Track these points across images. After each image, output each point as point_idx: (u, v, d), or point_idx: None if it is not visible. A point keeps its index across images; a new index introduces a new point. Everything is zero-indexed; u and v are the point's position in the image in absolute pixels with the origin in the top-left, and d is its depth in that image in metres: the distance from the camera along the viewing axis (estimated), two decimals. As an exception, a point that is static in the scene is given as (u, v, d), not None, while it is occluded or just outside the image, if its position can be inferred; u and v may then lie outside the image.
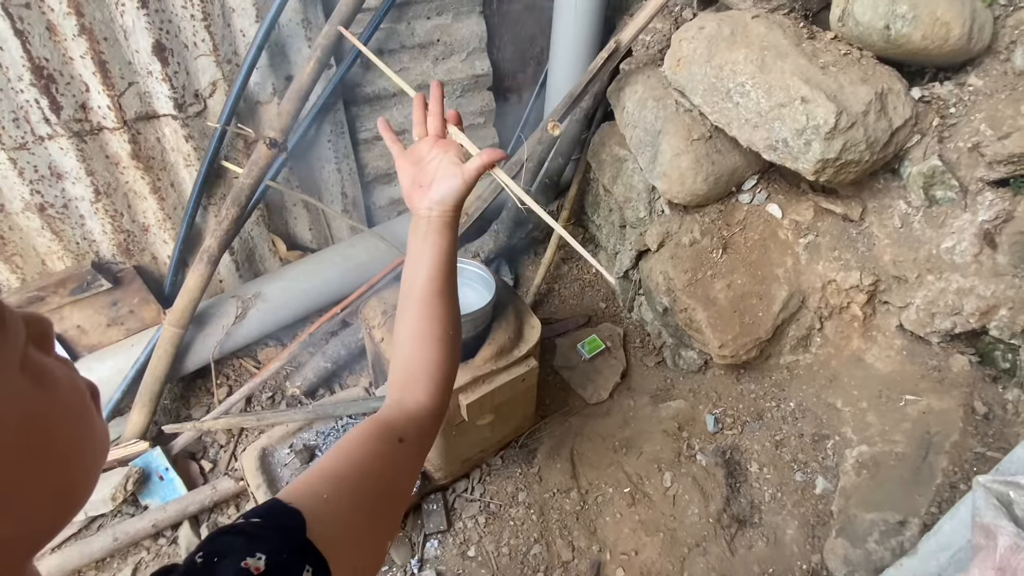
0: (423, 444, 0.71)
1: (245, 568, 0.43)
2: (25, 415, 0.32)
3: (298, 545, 0.48)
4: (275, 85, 1.82)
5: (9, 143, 1.54)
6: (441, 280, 0.77)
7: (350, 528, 0.54)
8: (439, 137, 0.85)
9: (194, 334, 1.87)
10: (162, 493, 1.74)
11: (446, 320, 0.78)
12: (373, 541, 0.58)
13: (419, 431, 0.70)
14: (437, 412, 0.75)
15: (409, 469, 0.68)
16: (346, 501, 0.56)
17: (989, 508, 0.73)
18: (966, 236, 1.55)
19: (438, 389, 0.75)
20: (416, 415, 0.71)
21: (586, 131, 2.26)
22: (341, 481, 0.57)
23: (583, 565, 1.58)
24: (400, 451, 0.66)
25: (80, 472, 0.37)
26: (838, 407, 1.70)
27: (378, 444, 0.64)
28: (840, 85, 1.50)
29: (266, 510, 0.51)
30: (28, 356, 0.34)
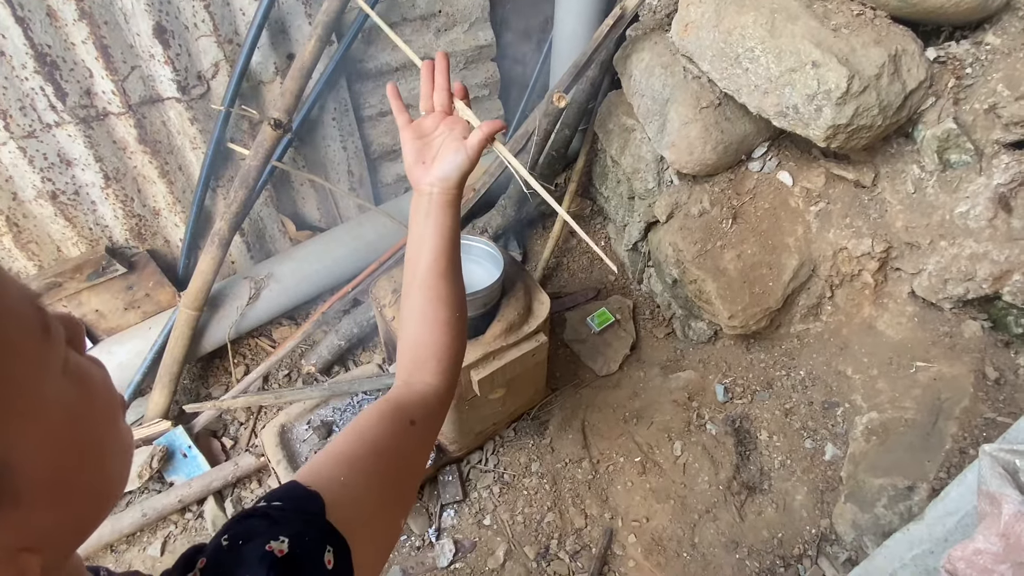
0: (433, 426, 0.72)
1: (269, 551, 0.45)
2: (70, 416, 0.34)
3: (319, 528, 0.50)
4: (277, 64, 1.81)
5: (18, 131, 1.55)
6: (444, 261, 0.76)
7: (367, 508, 0.56)
8: (446, 113, 0.82)
9: (209, 315, 1.90)
10: (186, 470, 1.79)
11: (451, 301, 0.77)
12: (388, 518, 0.60)
13: (429, 413, 0.71)
14: (446, 393, 0.75)
15: (421, 449, 0.69)
16: (362, 483, 0.57)
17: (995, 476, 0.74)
18: (980, 200, 1.52)
19: (446, 371, 0.75)
20: (425, 397, 0.72)
21: (593, 101, 2.22)
22: (356, 463, 0.59)
23: (596, 532, 1.63)
24: (412, 433, 0.66)
25: (114, 468, 0.39)
26: (848, 375, 1.71)
27: (390, 425, 0.65)
28: (852, 48, 1.46)
29: (286, 493, 0.53)
30: (68, 359, 0.35)
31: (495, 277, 1.52)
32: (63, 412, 0.34)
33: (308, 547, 0.47)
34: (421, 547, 1.64)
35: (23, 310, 0.32)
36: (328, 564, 0.47)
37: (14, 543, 0.31)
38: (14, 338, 0.31)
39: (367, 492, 0.57)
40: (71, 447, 0.34)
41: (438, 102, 0.82)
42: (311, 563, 0.46)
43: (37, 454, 0.31)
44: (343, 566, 0.49)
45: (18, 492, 0.30)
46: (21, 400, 0.30)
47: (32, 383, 0.31)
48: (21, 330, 0.31)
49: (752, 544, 1.54)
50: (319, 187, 2.15)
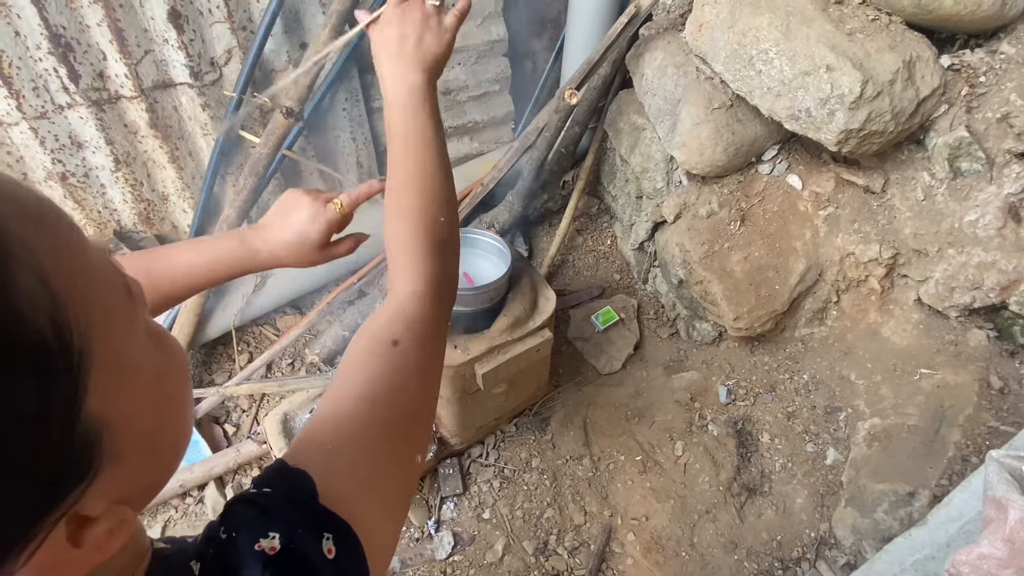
0: (422, 342, 0.61)
1: (260, 550, 0.42)
2: (158, 374, 0.36)
3: (312, 514, 0.45)
4: (290, 53, 1.81)
5: (30, 112, 1.55)
6: (437, 149, 0.71)
7: (363, 469, 0.50)
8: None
9: (215, 302, 1.91)
10: (188, 455, 1.80)
11: (442, 197, 0.70)
12: (394, 467, 0.53)
13: (411, 325, 0.61)
14: (429, 293, 0.64)
15: (414, 375, 0.58)
16: (352, 442, 0.51)
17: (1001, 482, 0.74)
18: (990, 209, 1.52)
19: (419, 266, 0.65)
20: (403, 306, 0.62)
21: (603, 99, 2.22)
22: (342, 421, 0.52)
23: (595, 529, 1.63)
24: (397, 356, 0.58)
25: (188, 424, 0.41)
26: (852, 380, 1.71)
27: (371, 360, 0.57)
28: (867, 52, 1.46)
29: (273, 476, 0.48)
30: (147, 321, 0.36)
31: (502, 272, 1.52)
32: (151, 372, 0.35)
33: (301, 539, 0.43)
34: (420, 539, 1.64)
35: (109, 272, 0.33)
36: (329, 553, 0.43)
37: (115, 496, 0.33)
38: (106, 300, 0.31)
39: (360, 450, 0.51)
40: (161, 404, 0.36)
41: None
42: (307, 557, 0.43)
43: (134, 412, 0.33)
44: (347, 551, 0.45)
45: (119, 449, 0.31)
46: (118, 360, 0.31)
47: (125, 343, 0.33)
48: (110, 291, 0.32)
49: (751, 546, 1.54)
50: (328, 177, 2.15)
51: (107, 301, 0.31)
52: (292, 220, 0.74)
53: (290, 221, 0.74)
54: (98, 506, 0.31)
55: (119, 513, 0.33)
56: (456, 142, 2.38)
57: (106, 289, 0.32)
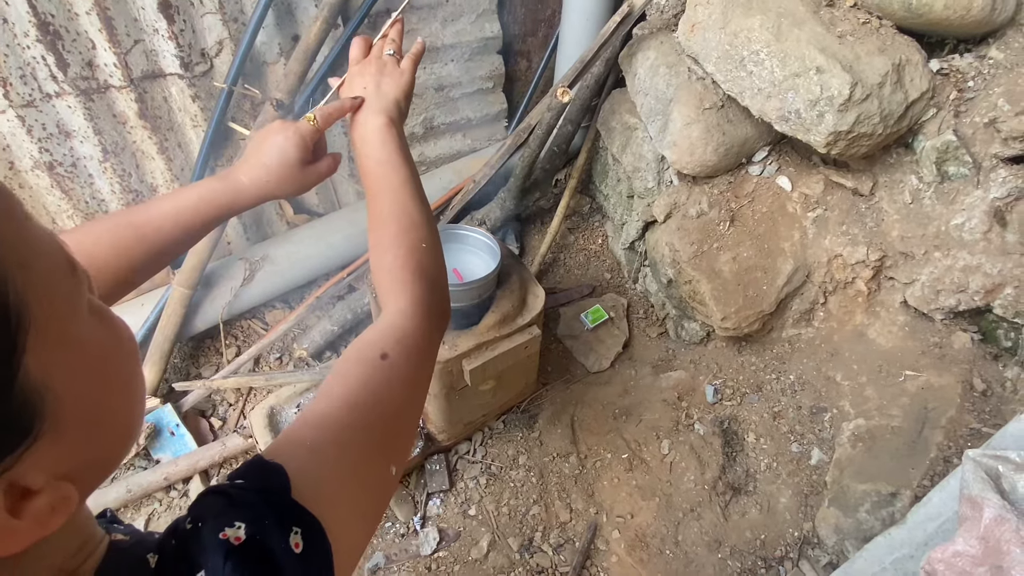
0: (410, 356, 0.63)
1: (224, 539, 0.41)
2: (101, 352, 0.36)
3: (282, 507, 0.45)
4: (281, 45, 1.80)
5: (17, 100, 1.54)
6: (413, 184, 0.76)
7: (339, 472, 0.51)
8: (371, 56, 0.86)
9: (202, 295, 1.90)
10: (173, 448, 1.79)
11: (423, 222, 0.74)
12: (371, 474, 0.54)
13: (401, 340, 0.63)
14: (418, 312, 0.67)
15: (400, 388, 0.60)
16: (331, 443, 0.52)
17: (977, 481, 0.75)
18: (976, 213, 1.54)
19: (405, 287, 0.68)
20: (392, 322, 0.65)
21: (596, 98, 2.22)
22: (324, 421, 0.53)
23: (580, 526, 1.63)
24: (384, 369, 0.59)
25: (137, 408, 0.41)
26: (837, 381, 1.72)
27: (359, 369, 0.59)
28: (857, 55, 1.47)
29: (248, 470, 0.48)
30: (91, 299, 0.37)
31: (491, 268, 1.52)
32: (95, 347, 0.36)
33: (268, 531, 0.42)
34: (405, 534, 1.64)
35: (50, 244, 0.34)
36: (296, 547, 0.43)
37: (57, 470, 0.33)
38: (45, 267, 0.32)
39: (339, 450, 0.52)
40: (106, 381, 0.37)
41: (374, 50, 0.87)
42: (273, 549, 0.42)
43: (74, 384, 0.33)
44: (315, 547, 0.44)
45: (59, 419, 0.32)
46: (57, 327, 0.32)
47: (67, 314, 0.33)
48: (50, 262, 0.33)
49: (735, 544, 1.55)
50: (319, 171, 2.14)
51: (46, 268, 0.32)
52: (268, 145, 0.75)
53: (266, 147, 0.75)
54: (39, 478, 0.32)
55: (62, 489, 0.33)
56: (449, 138, 2.38)
57: (46, 258, 0.33)
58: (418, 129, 2.26)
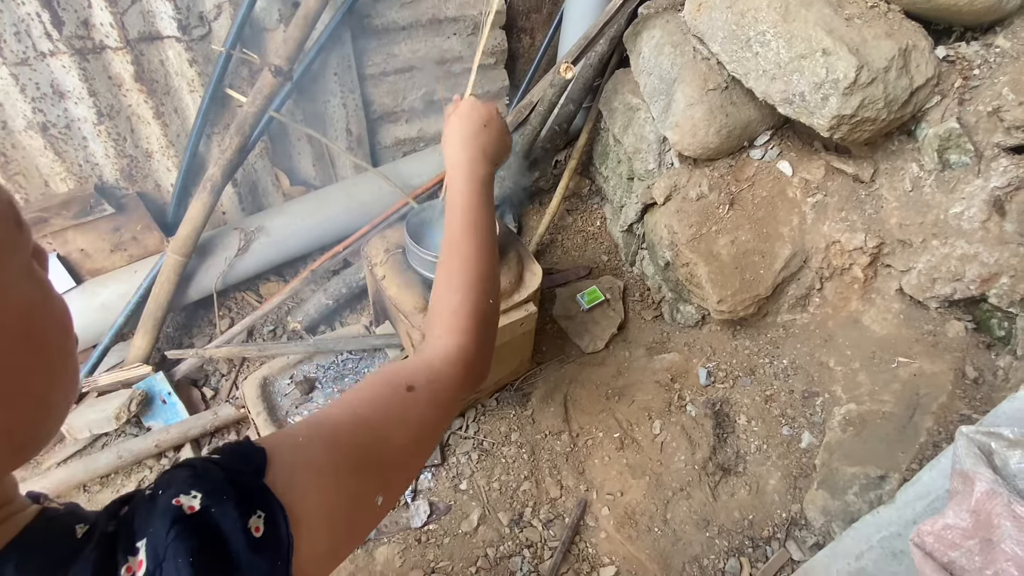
0: (437, 395, 0.62)
1: (177, 505, 0.39)
2: (27, 311, 0.36)
3: (249, 488, 0.43)
4: (281, 11, 1.77)
5: (11, 57, 1.51)
6: (495, 230, 0.81)
7: (321, 475, 0.48)
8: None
9: (197, 264, 1.88)
10: (165, 416, 1.78)
11: (474, 260, 0.75)
12: (355, 496, 0.51)
13: (432, 378, 0.62)
14: (460, 360, 0.66)
15: (414, 425, 0.58)
16: (323, 445, 0.50)
17: (969, 456, 0.75)
18: (976, 202, 1.54)
19: (461, 330, 0.68)
20: (431, 360, 0.65)
21: (599, 78, 2.20)
22: (325, 423, 0.52)
23: (570, 502, 1.64)
24: (406, 400, 0.58)
25: (60, 382, 0.39)
26: (830, 366, 1.73)
27: (380, 389, 0.58)
28: (864, 38, 1.46)
29: (229, 446, 0.47)
30: (34, 267, 0.37)
31: (489, 243, 1.51)
32: (21, 301, 0.35)
33: (225, 508, 0.40)
34: (396, 506, 1.64)
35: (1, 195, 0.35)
36: (255, 531, 0.41)
37: None
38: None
39: (327, 457, 0.50)
40: (28, 339, 0.36)
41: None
42: (222, 527, 0.40)
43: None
44: (276, 536, 0.42)
45: None
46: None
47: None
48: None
49: (723, 524, 1.56)
50: (316, 143, 2.12)
51: None
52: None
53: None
54: None
55: None
56: (449, 115, 2.35)
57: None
58: (418, 104, 2.24)
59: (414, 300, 1.52)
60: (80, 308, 1.78)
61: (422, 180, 2.18)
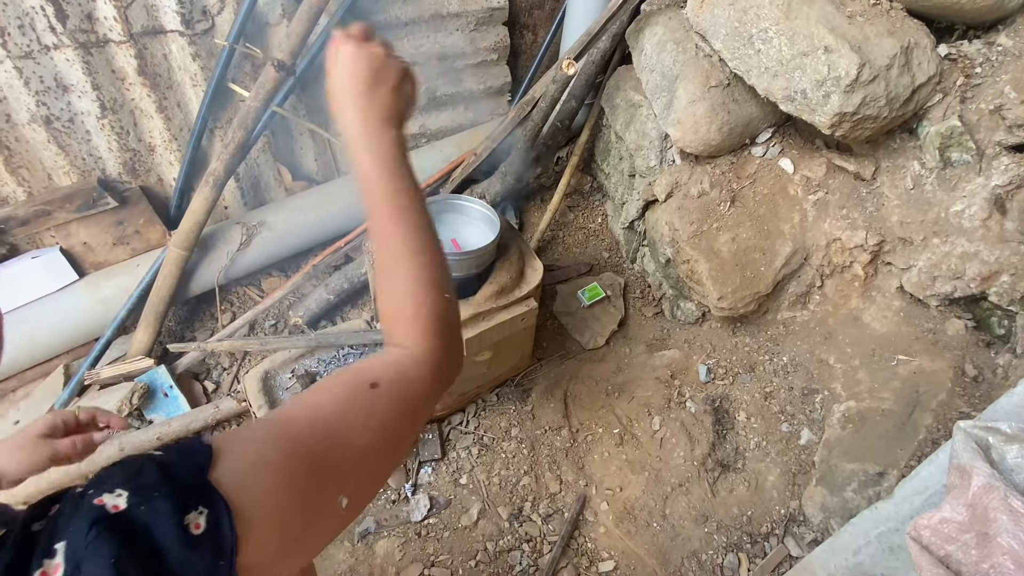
0: (404, 394, 0.58)
1: (99, 505, 0.37)
2: None
3: (188, 484, 0.41)
4: (284, 6, 1.78)
5: (15, 51, 1.52)
6: (424, 205, 0.67)
7: (275, 475, 0.46)
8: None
9: (199, 258, 1.89)
10: (166, 409, 1.79)
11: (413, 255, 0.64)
12: (311, 497, 0.48)
13: (398, 377, 0.58)
14: (429, 361, 0.61)
15: (376, 426, 0.54)
16: (277, 445, 0.48)
17: (967, 451, 0.76)
18: (977, 200, 1.54)
19: (423, 337, 0.62)
20: (399, 358, 0.60)
21: (602, 75, 2.20)
22: (281, 423, 0.50)
23: (569, 497, 1.65)
24: (369, 397, 0.55)
25: None
26: (830, 363, 1.73)
27: (342, 388, 0.55)
28: (866, 36, 1.46)
29: (177, 444, 0.45)
30: None
31: (490, 239, 1.52)
32: None
33: (155, 505, 0.38)
34: (396, 500, 1.65)
35: None
36: (195, 528, 0.39)
37: None
38: None
39: (281, 458, 0.47)
40: None
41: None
42: (156, 523, 0.38)
43: None
44: (218, 534, 0.40)
45: None
46: None
47: None
48: None
49: (721, 519, 1.57)
50: (318, 138, 2.12)
51: None
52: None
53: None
54: None
55: None
56: (451, 110, 2.36)
57: None
58: (420, 100, 2.24)
59: (415, 295, 1.53)
60: (82, 301, 1.79)
61: (424, 176, 2.19)
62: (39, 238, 1.78)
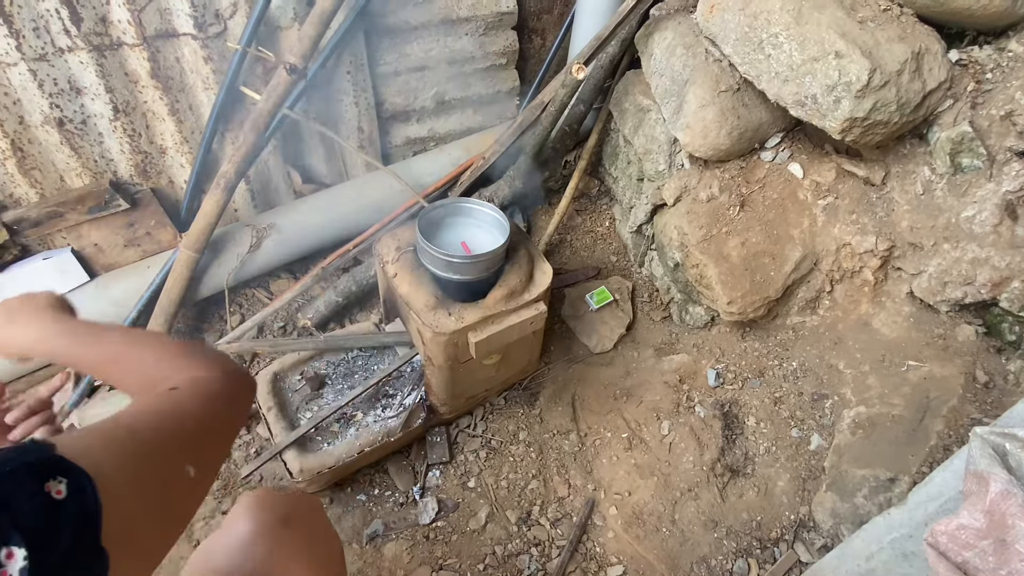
0: (204, 387, 0.65)
1: None
2: None
3: (41, 458, 0.43)
4: (296, 10, 1.79)
5: (29, 53, 1.53)
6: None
7: (123, 444, 0.51)
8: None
9: (209, 260, 1.90)
10: (176, 410, 1.79)
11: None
12: (161, 464, 0.54)
13: (194, 379, 0.65)
14: (213, 368, 0.69)
15: (192, 408, 0.61)
16: (118, 422, 0.53)
17: (984, 457, 0.76)
18: (988, 206, 1.53)
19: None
20: (194, 377, 0.67)
21: (610, 79, 2.21)
22: (116, 414, 0.55)
23: (578, 502, 1.64)
24: (172, 395, 0.62)
25: None
26: (840, 369, 1.73)
27: (145, 396, 0.63)
28: (876, 41, 1.46)
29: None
30: None
31: (500, 242, 1.52)
32: None
33: (14, 476, 0.40)
34: (404, 503, 1.65)
35: None
36: (56, 494, 0.40)
37: None
38: None
39: (124, 429, 0.52)
40: None
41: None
42: (11, 492, 0.39)
43: None
44: (82, 498, 0.42)
45: None
46: None
47: None
48: None
49: (731, 525, 1.56)
50: (328, 141, 2.13)
51: None
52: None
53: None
54: None
55: None
56: (460, 114, 2.37)
57: None
58: (429, 103, 2.25)
59: (425, 298, 1.53)
60: (93, 302, 1.80)
61: (432, 179, 2.19)
62: (51, 239, 1.79)
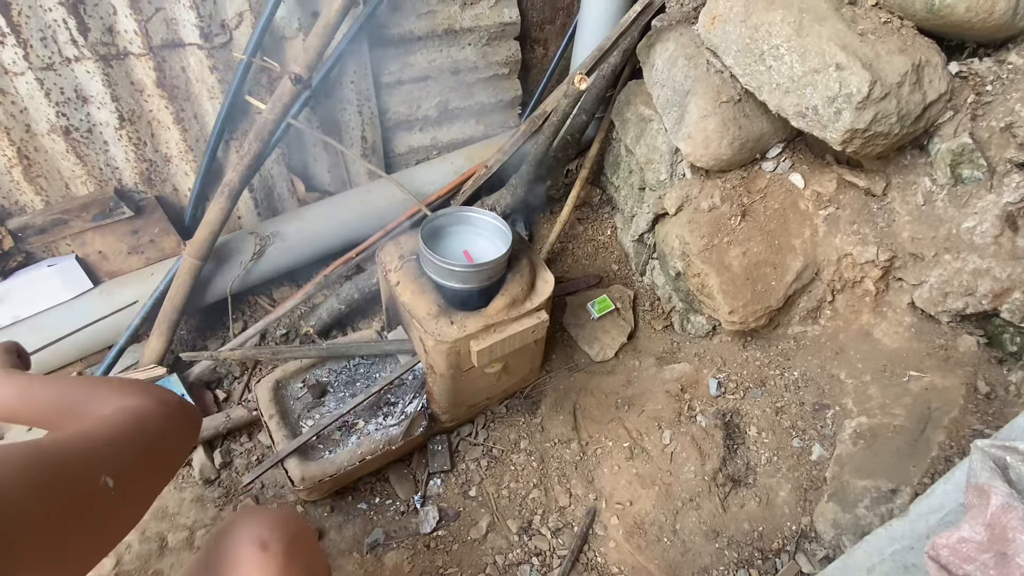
0: (138, 424, 0.68)
1: None
2: None
3: None
4: (301, 20, 1.80)
5: (36, 62, 1.54)
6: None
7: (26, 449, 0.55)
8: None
9: (213, 268, 1.90)
10: (178, 418, 1.79)
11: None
12: (71, 481, 0.57)
13: (121, 408, 0.69)
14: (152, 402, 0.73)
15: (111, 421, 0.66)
16: (17, 446, 0.55)
17: (985, 470, 0.76)
18: (988, 217, 1.54)
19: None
20: (134, 400, 0.72)
21: (612, 89, 2.22)
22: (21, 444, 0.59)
23: (579, 511, 1.64)
24: (93, 419, 0.67)
25: None
26: (841, 379, 1.73)
27: (88, 420, 0.68)
28: (877, 54, 1.47)
29: None
30: None
31: (502, 251, 1.53)
32: None
33: None
34: (405, 512, 1.65)
35: None
36: None
37: None
38: None
39: (24, 446, 0.55)
40: None
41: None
42: None
43: None
44: None
45: None
46: None
47: None
48: None
49: (732, 535, 1.56)
50: (331, 150, 2.15)
51: None
52: None
53: None
54: None
55: None
56: (462, 123, 2.39)
57: None
58: (432, 113, 2.26)
59: (427, 306, 1.54)
60: (97, 309, 1.80)
61: (435, 187, 2.21)
62: (55, 246, 1.80)
